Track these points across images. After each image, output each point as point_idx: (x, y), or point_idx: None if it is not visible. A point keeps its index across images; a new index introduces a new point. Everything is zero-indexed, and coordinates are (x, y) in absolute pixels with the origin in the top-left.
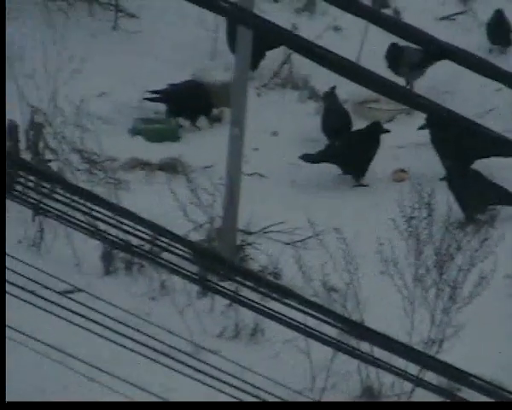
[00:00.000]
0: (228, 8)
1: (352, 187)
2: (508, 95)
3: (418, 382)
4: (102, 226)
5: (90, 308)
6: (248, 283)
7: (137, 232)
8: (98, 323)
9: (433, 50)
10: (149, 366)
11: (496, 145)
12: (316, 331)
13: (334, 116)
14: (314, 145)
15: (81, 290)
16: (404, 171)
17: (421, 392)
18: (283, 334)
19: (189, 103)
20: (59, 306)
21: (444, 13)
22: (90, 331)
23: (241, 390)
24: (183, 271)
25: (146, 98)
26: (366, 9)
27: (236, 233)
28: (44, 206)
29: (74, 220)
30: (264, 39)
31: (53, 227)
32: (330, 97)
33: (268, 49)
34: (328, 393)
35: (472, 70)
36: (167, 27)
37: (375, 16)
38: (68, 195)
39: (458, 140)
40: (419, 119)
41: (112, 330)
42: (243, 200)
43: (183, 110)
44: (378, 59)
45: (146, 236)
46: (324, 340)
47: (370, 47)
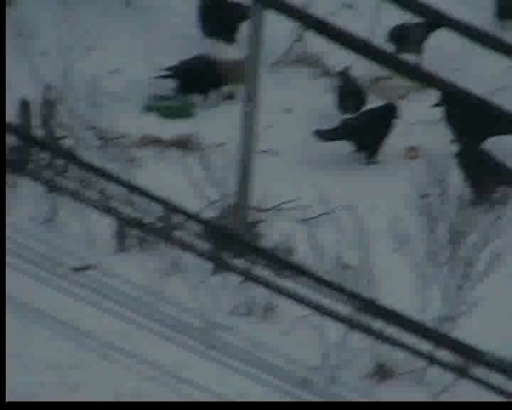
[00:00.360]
0: None
1: (365, 164)
2: None
3: (431, 359)
4: (115, 203)
5: (103, 285)
6: (261, 260)
7: (150, 209)
8: (111, 299)
9: (434, 20)
10: (162, 343)
11: (509, 123)
12: (328, 309)
13: (348, 94)
14: (327, 122)
15: (94, 267)
16: (417, 148)
17: (433, 369)
18: (296, 311)
19: (200, 78)
20: (72, 282)
21: None
22: (104, 308)
23: (254, 366)
24: (196, 248)
25: (158, 76)
26: None
27: (249, 210)
28: (57, 183)
29: (87, 197)
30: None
31: (66, 204)
32: (344, 76)
33: (240, 20)
34: (340, 370)
35: (472, 41)
36: (180, 3)
37: None
38: (81, 172)
39: (470, 118)
40: (432, 96)
41: (125, 306)
42: (256, 177)
43: (194, 86)
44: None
45: (159, 213)
46: (337, 317)
47: (383, 24)
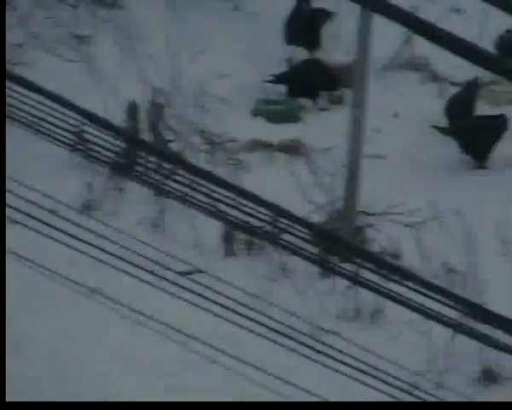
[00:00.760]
0: None
1: (474, 169)
2: None
3: None
4: (223, 207)
5: (211, 289)
6: (368, 264)
7: (258, 213)
8: (219, 304)
9: None
10: (270, 348)
11: None
12: (436, 313)
13: (458, 101)
14: (435, 126)
15: (202, 271)
16: None
17: None
18: (403, 316)
19: (310, 81)
20: (179, 286)
21: None
22: (211, 312)
23: (361, 371)
24: (304, 252)
25: (267, 81)
26: None
27: (357, 215)
28: (165, 187)
29: (195, 201)
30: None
31: (174, 208)
32: (473, 87)
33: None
34: (447, 375)
35: None
36: (287, 8)
37: None
38: (189, 176)
39: None
40: None
41: (232, 311)
42: (364, 182)
43: (305, 89)
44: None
45: (266, 217)
46: (444, 322)
47: (491, 29)
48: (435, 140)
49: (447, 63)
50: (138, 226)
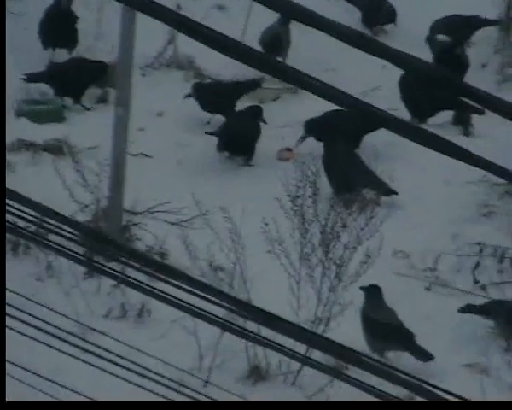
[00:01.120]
0: None
1: (238, 167)
2: (392, 73)
3: (305, 361)
4: None
5: None
6: (135, 263)
7: (24, 214)
8: None
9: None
10: (36, 348)
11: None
12: (203, 311)
13: (211, 95)
14: (199, 124)
15: None
16: (290, 150)
17: (308, 371)
18: (170, 314)
19: (75, 80)
20: None
21: None
22: None
23: (129, 370)
24: (70, 252)
25: (23, 78)
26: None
27: (122, 213)
28: None
29: None
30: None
31: None
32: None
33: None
34: (215, 372)
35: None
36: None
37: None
38: None
39: (341, 119)
40: (304, 98)
41: None
42: (129, 180)
43: (69, 88)
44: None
45: (32, 217)
46: (211, 320)
47: (254, 26)
48: (200, 138)
49: (212, 61)
50: None
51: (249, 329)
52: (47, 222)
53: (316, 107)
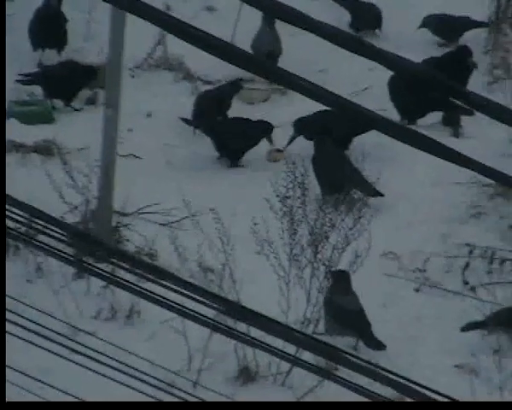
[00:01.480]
0: None
1: (228, 168)
2: (381, 73)
3: (295, 361)
4: None
5: None
6: (124, 264)
7: (13, 215)
8: None
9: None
10: (26, 348)
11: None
12: (192, 312)
13: (209, 100)
14: (188, 126)
15: None
16: (280, 150)
17: (298, 371)
18: (160, 315)
19: (65, 82)
20: None
21: None
22: None
23: (119, 371)
24: (59, 253)
25: (18, 80)
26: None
27: (112, 215)
28: None
29: None
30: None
31: None
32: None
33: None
34: (204, 373)
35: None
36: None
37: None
38: None
39: (331, 120)
40: (294, 99)
41: None
42: (118, 181)
43: (59, 90)
44: (252, 39)
45: (22, 218)
46: (201, 320)
47: (244, 27)
48: (190, 139)
49: (201, 62)
50: None
51: (239, 330)
52: (36, 223)
53: (305, 108)
